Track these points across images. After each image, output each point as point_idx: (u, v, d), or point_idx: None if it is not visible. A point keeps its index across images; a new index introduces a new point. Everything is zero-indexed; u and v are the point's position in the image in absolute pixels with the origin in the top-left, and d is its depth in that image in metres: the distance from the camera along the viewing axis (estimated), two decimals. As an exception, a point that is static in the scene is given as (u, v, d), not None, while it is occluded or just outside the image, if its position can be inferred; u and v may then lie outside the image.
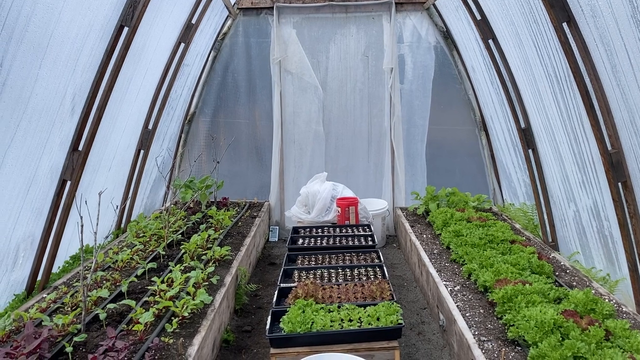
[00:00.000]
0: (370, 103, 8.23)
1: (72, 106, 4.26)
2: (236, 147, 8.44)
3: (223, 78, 8.40)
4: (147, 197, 7.48)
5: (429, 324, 5.25)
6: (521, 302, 4.00)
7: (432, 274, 5.25)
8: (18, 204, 4.04)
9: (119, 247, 5.83)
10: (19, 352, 3.30)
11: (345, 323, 3.90)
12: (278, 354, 3.78)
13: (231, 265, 5.45)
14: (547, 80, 5.00)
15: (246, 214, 7.68)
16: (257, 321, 5.36)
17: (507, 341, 3.77)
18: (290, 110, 8.28)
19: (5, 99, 3.35)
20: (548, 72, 4.93)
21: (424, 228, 6.94)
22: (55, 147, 4.27)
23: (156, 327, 3.90)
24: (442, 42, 8.03)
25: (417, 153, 8.24)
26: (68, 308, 4.20)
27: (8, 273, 4.21)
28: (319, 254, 5.54)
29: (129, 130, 6.00)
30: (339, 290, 4.50)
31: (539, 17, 4.71)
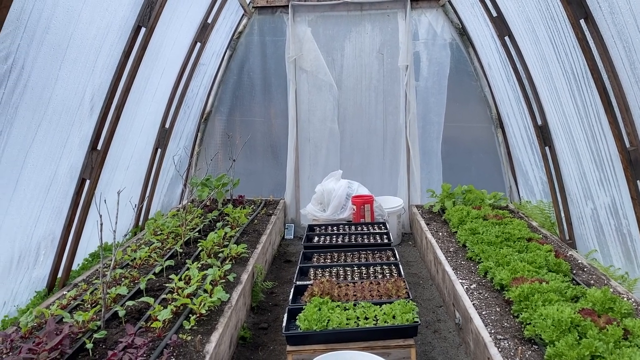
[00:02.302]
0: (386, 100, 8.22)
1: (91, 106, 4.32)
2: (252, 146, 8.48)
3: (239, 77, 8.45)
4: (164, 195, 7.56)
5: (444, 322, 5.24)
6: (538, 300, 3.98)
7: (448, 272, 5.24)
8: (39, 203, 4.12)
9: (137, 244, 5.91)
10: (41, 348, 3.36)
11: (361, 321, 3.91)
12: (294, 352, 3.81)
13: (248, 263, 5.49)
14: (564, 77, 4.96)
15: (262, 211, 7.72)
16: (273, 318, 5.40)
17: (524, 340, 3.76)
18: (305, 108, 8.30)
19: (27, 100, 3.42)
20: (565, 69, 4.89)
21: (439, 226, 6.92)
22: (74, 146, 4.34)
23: (174, 324, 3.95)
24: (457, 39, 7.99)
25: (433, 150, 8.22)
26: (88, 305, 4.27)
27: (30, 270, 4.29)
28: (334, 252, 5.56)
29: (147, 129, 6.07)
30: (354, 288, 4.52)
31: (555, 14, 4.67)
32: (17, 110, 3.36)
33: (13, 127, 3.39)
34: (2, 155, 3.37)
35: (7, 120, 3.29)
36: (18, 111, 3.37)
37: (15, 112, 3.35)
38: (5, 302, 4.12)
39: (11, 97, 3.22)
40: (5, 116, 3.25)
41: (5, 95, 3.14)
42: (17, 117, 3.39)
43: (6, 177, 3.57)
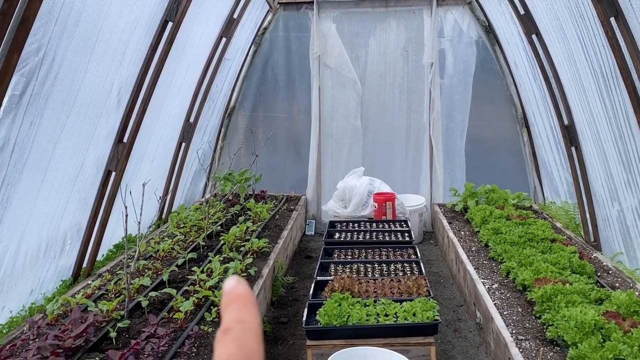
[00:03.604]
0: (409, 98, 8.18)
1: (118, 99, 4.39)
2: (274, 141, 8.51)
3: (263, 72, 8.49)
4: (187, 189, 7.64)
5: (465, 321, 5.22)
6: (561, 301, 3.93)
7: (469, 271, 5.20)
8: (66, 194, 4.20)
9: (160, 237, 5.98)
10: (67, 335, 3.43)
11: (381, 317, 3.92)
12: (314, 346, 3.83)
13: (269, 257, 5.52)
14: (593, 76, 4.88)
15: (284, 207, 7.75)
16: (293, 313, 5.43)
17: (546, 341, 3.73)
18: (328, 105, 8.31)
19: (57, 92, 3.49)
20: (593, 68, 4.82)
21: (462, 225, 6.87)
22: (101, 139, 4.41)
23: (196, 316, 3.99)
24: (484, 36, 7.92)
25: (456, 149, 8.16)
26: (112, 295, 4.34)
27: (56, 259, 4.38)
28: (355, 249, 5.57)
29: (172, 123, 6.14)
30: (375, 285, 4.52)
31: (585, 12, 4.60)
32: (47, 102, 3.44)
33: (43, 119, 3.46)
34: (32, 146, 3.45)
35: (38, 111, 3.36)
36: (48, 103, 3.45)
37: (45, 103, 3.42)
38: (33, 289, 4.21)
39: (42, 88, 3.30)
40: (36, 107, 3.32)
41: (36, 87, 3.21)
42: (47, 109, 3.47)
43: (35, 168, 3.65)
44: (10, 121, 3.11)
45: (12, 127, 3.15)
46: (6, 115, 3.06)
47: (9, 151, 3.20)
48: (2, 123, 3.04)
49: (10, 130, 3.14)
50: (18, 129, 3.20)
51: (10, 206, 3.47)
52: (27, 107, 3.21)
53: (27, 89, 3.14)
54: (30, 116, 3.28)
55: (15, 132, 3.19)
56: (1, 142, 3.09)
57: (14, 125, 3.17)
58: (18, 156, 3.32)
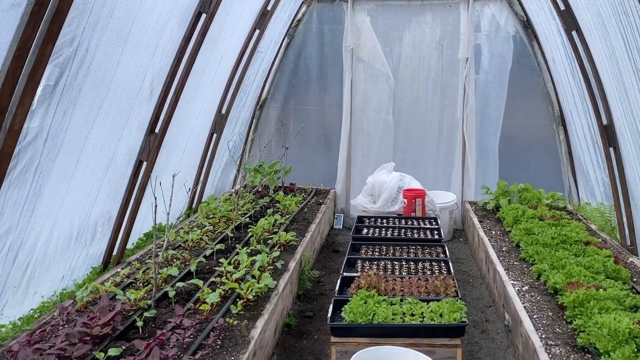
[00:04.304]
0: (443, 93, 8.05)
1: (151, 90, 4.42)
2: (305, 134, 8.48)
3: (295, 65, 8.46)
4: (218, 180, 7.69)
5: (493, 322, 5.12)
6: (594, 307, 3.81)
7: (499, 272, 5.11)
8: (98, 183, 4.26)
9: (189, 227, 6.04)
10: (95, 323, 3.48)
11: (407, 317, 3.87)
12: (338, 343, 3.80)
13: (296, 251, 5.52)
14: (635, 75, 4.70)
15: (312, 200, 7.74)
16: (319, 307, 5.42)
17: (577, 347, 3.62)
18: (360, 98, 8.23)
19: (90, 83, 3.53)
20: (636, 66, 4.63)
21: (493, 224, 6.75)
22: (133, 129, 4.46)
23: (221, 308, 4.01)
24: (521, 32, 7.72)
25: (490, 146, 8.00)
26: (140, 284, 4.39)
27: (87, 247, 4.46)
28: (383, 245, 5.51)
29: (204, 114, 6.17)
30: (402, 283, 4.46)
31: (629, 9, 4.42)
32: (80, 92, 3.48)
33: (76, 109, 3.51)
34: (65, 135, 3.50)
35: (71, 101, 3.41)
36: (81, 93, 3.49)
37: (79, 93, 3.46)
38: (64, 276, 4.30)
39: (75, 79, 3.33)
40: (69, 97, 3.36)
41: (70, 77, 3.25)
42: (80, 99, 3.51)
43: (68, 157, 3.70)
44: (44, 111, 3.16)
45: (45, 117, 3.20)
46: (40, 105, 3.10)
47: (42, 140, 3.25)
48: (36, 112, 3.09)
49: (44, 119, 3.19)
50: (51, 118, 3.25)
51: (42, 194, 3.54)
52: (61, 97, 3.26)
53: (61, 79, 3.18)
54: (63, 106, 3.33)
55: (48, 122, 3.24)
56: (35, 131, 3.14)
57: (48, 115, 3.21)
58: (51, 145, 3.38)
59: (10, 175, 3.10)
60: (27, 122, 2.93)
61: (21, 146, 3.08)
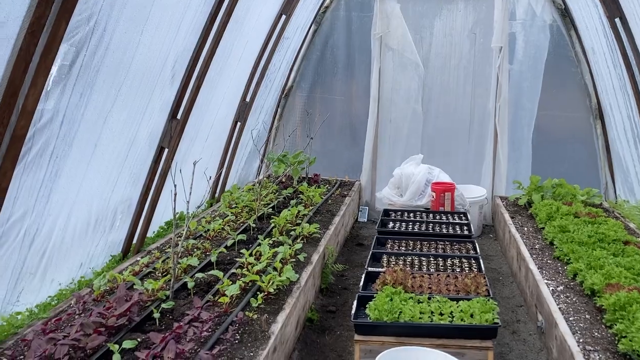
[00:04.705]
0: (475, 83, 7.78)
1: (173, 73, 4.28)
2: (330, 124, 8.29)
3: (322, 52, 8.27)
4: (241, 169, 7.56)
5: (524, 323, 4.89)
6: (636, 312, 3.57)
7: (532, 271, 4.87)
8: (117, 168, 4.14)
9: (211, 216, 5.92)
10: (111, 313, 3.37)
11: (435, 316, 3.67)
12: (362, 341, 3.63)
13: (319, 244, 5.35)
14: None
15: (336, 192, 7.55)
16: (342, 302, 5.25)
17: (618, 354, 3.38)
18: (388, 88, 7.99)
19: (108, 63, 3.38)
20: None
21: (525, 220, 6.49)
22: (154, 113, 4.32)
23: (241, 301, 3.86)
24: (559, 20, 7.40)
25: (522, 139, 7.71)
26: (159, 273, 4.28)
27: (106, 234, 4.35)
28: (410, 240, 5.31)
29: (227, 101, 6.03)
30: (430, 280, 4.26)
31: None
32: (98, 74, 3.34)
33: (93, 91, 3.37)
34: (82, 118, 3.37)
35: (88, 83, 3.27)
36: (99, 74, 3.35)
37: (96, 75, 3.32)
38: (82, 263, 4.20)
39: (92, 59, 3.19)
40: (86, 79, 3.22)
41: (87, 57, 3.11)
42: (98, 80, 3.37)
43: (85, 141, 3.58)
44: (59, 92, 3.03)
45: (61, 99, 3.07)
46: (55, 86, 2.97)
47: (58, 123, 3.12)
48: (51, 94, 2.96)
49: (59, 101, 3.06)
50: (67, 100, 3.12)
51: (59, 179, 3.42)
52: (77, 78, 3.12)
53: (77, 59, 3.05)
54: (80, 87, 3.19)
55: (64, 104, 3.11)
56: (50, 113, 3.02)
57: (64, 97, 3.08)
58: (67, 128, 3.25)
59: (25, 158, 2.98)
60: (41, 103, 2.80)
61: (36, 129, 2.96)
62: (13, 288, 3.43)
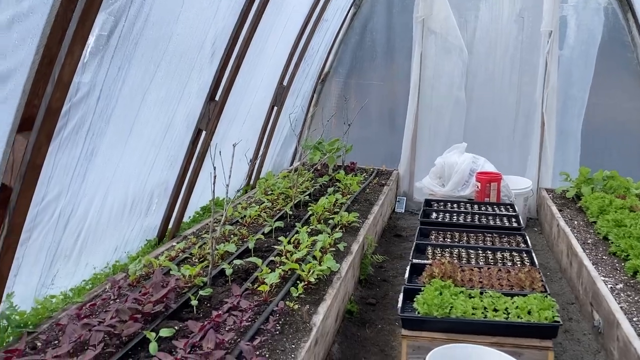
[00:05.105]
0: (522, 70, 7.43)
1: (212, 52, 4.09)
2: (367, 111, 8.00)
3: (361, 36, 8.00)
4: (276, 155, 7.38)
5: (577, 322, 4.60)
6: None
7: (586, 267, 4.58)
8: (154, 149, 3.98)
9: (247, 202, 5.76)
10: (147, 300, 3.22)
11: (489, 312, 3.42)
12: (410, 337, 3.40)
13: (358, 233, 5.14)
14: None
15: (374, 181, 7.31)
16: (382, 294, 5.04)
17: (691, 359, 3.09)
18: (429, 74, 7.68)
19: (147, 37, 3.20)
20: None
21: (574, 214, 6.15)
22: (192, 94, 4.15)
23: (281, 290, 3.68)
24: (614, 2, 6.99)
25: (571, 129, 7.34)
26: (195, 259, 4.12)
27: (142, 218, 4.21)
28: (455, 231, 5.05)
29: (265, 84, 5.84)
30: (480, 274, 4.01)
31: None
32: (137, 47, 3.16)
33: (131, 65, 3.20)
34: (120, 94, 3.20)
35: (126, 56, 3.09)
36: (137, 47, 3.17)
37: (135, 48, 3.15)
38: (117, 247, 4.07)
39: (131, 30, 3.01)
40: (124, 52, 3.05)
41: (125, 28, 2.93)
42: (136, 54, 3.19)
43: (122, 118, 3.41)
44: (96, 65, 2.86)
45: (98, 72, 2.90)
46: (92, 58, 2.80)
47: (94, 98, 2.96)
48: (88, 66, 2.79)
49: (96, 74, 2.89)
50: (105, 73, 2.95)
51: (95, 158, 3.27)
52: (115, 51, 2.95)
53: (116, 29, 2.87)
54: (117, 61, 3.02)
55: (101, 77, 2.94)
56: (87, 87, 2.85)
57: (101, 70, 2.91)
58: (104, 104, 3.08)
59: (61, 134, 2.83)
60: (78, 76, 2.64)
61: (72, 103, 2.80)
62: (48, 270, 3.30)
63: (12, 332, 3.01)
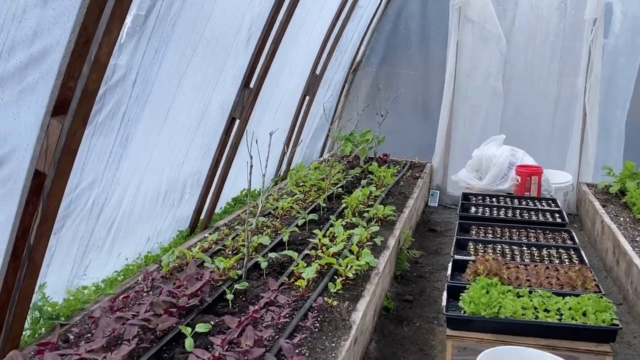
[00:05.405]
0: (563, 60, 7.14)
1: (248, 36, 3.94)
2: (400, 101, 7.78)
3: (395, 24, 7.77)
4: (306, 147, 7.23)
5: (627, 324, 4.37)
6: None
7: (636, 265, 4.38)
8: (189, 137, 3.85)
9: (278, 193, 5.61)
10: (182, 293, 3.09)
11: (540, 313, 3.22)
12: (456, 337, 3.22)
13: (394, 227, 4.96)
14: None
15: (407, 173, 7.11)
16: (418, 291, 4.87)
17: None
18: (466, 63, 7.43)
19: (184, 18, 3.05)
20: None
21: (618, 210, 5.89)
22: (228, 80, 4.00)
23: (318, 285, 3.52)
24: (663, -11, 6.65)
25: (614, 121, 7.04)
26: (229, 251, 3.99)
27: (174, 208, 4.10)
28: (496, 227, 4.84)
29: (298, 72, 5.68)
30: (526, 271, 3.80)
31: None
32: (174, 29, 3.01)
33: (168, 48, 3.06)
34: (156, 78, 3.06)
35: (163, 38, 2.95)
36: (175, 29, 3.02)
37: (172, 30, 3.00)
38: (149, 238, 3.96)
39: (169, 10, 2.86)
40: (162, 33, 2.90)
41: (163, 8, 2.78)
42: (174, 36, 3.05)
43: (158, 104, 3.28)
44: (133, 46, 2.72)
45: (135, 54, 2.76)
46: (129, 39, 2.67)
47: (130, 82, 2.82)
48: (125, 47, 2.66)
49: (133, 56, 2.76)
50: (142, 56, 2.81)
51: (130, 145, 3.14)
52: (153, 32, 2.80)
53: (154, 8, 2.72)
54: (155, 42, 2.87)
55: (138, 60, 2.80)
56: (123, 70, 2.71)
57: (137, 52, 2.78)
58: (140, 89, 2.95)
59: (96, 119, 2.71)
60: (114, 58, 2.50)
61: (107, 86, 2.67)
62: (80, 261, 3.20)
63: (44, 323, 2.92)
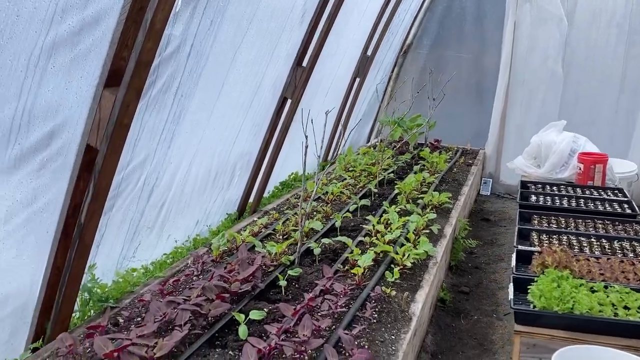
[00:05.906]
0: (630, 41, 6.69)
1: (303, 12, 3.76)
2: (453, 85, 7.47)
3: (449, 3, 7.46)
4: (354, 131, 7.00)
5: None
6: None
7: None
8: (241, 117, 3.71)
9: (327, 178, 5.44)
10: (233, 277, 2.96)
11: (619, 310, 2.95)
12: (524, 333, 2.98)
13: (450, 215, 4.73)
14: None
15: (460, 160, 6.83)
16: (474, 282, 4.64)
17: None
18: (523, 45, 7.05)
19: (241, -12, 2.90)
20: None
21: (691, 202, 5.48)
22: (281, 57, 3.84)
23: (374, 273, 3.34)
24: None
25: (686, 107, 6.57)
26: (279, 236, 3.85)
27: (224, 191, 3.97)
28: (560, 217, 4.52)
29: (350, 53, 5.47)
30: (599, 265, 3.51)
31: None
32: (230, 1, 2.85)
33: (224, 19, 2.90)
34: (211, 51, 2.91)
35: (219, 9, 2.79)
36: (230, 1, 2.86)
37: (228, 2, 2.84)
38: (199, 220, 3.85)
39: (225, -19, 2.71)
40: (218, 2, 2.74)
41: (219, -22, 2.63)
42: (229, 8, 2.88)
43: (212, 79, 3.13)
44: (189, 15, 2.57)
45: (190, 23, 2.61)
46: (185, 7, 2.51)
47: (185, 54, 2.68)
48: (180, 16, 2.50)
49: (188, 27, 2.60)
50: (197, 26, 2.66)
51: (182, 122, 3.01)
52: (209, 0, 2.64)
53: (211, -26, 2.58)
54: (210, 12, 2.71)
55: (193, 30, 2.65)
56: (177, 40, 2.57)
57: (193, 21, 2.62)
58: (194, 62, 2.80)
59: (149, 93, 2.57)
60: (169, 27, 2.36)
61: (161, 58, 2.53)
62: (130, 242, 3.11)
63: (93, 305, 2.85)
